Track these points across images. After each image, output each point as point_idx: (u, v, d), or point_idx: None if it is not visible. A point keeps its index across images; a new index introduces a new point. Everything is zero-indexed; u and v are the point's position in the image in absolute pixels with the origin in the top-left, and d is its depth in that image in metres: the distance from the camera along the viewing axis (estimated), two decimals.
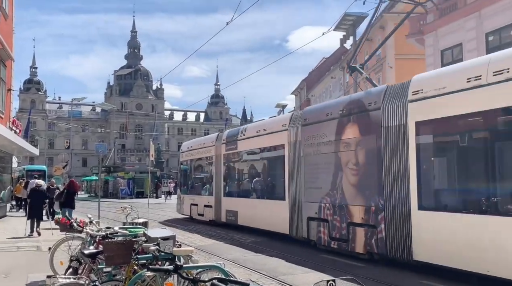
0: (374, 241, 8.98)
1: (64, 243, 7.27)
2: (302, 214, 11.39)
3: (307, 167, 11.31)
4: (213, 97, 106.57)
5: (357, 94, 10.65)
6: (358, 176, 9.68)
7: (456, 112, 7.36)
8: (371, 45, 35.98)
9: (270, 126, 13.54)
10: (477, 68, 7.19)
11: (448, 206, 7.75)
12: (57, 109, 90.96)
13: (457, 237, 7.16)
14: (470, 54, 18.17)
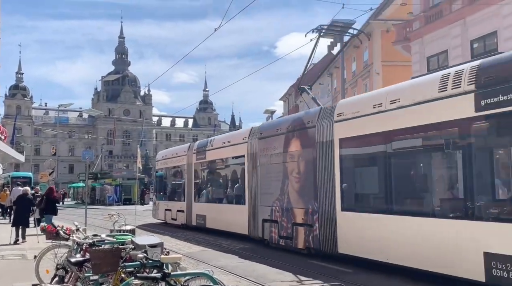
0: (311, 238, 10.56)
1: (50, 251, 7.16)
2: (258, 216, 12.89)
3: (262, 175, 12.84)
4: (201, 103, 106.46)
5: (299, 114, 12.66)
6: (299, 183, 11.27)
7: (366, 131, 9.08)
8: (358, 51, 36.33)
9: (233, 139, 15.16)
10: (380, 97, 8.96)
11: (363, 207, 9.44)
12: (44, 115, 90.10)
13: (369, 232, 8.77)
14: (455, 61, 18.44)
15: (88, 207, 22.28)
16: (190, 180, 17.75)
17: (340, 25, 17.84)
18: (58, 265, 6.16)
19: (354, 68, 37.49)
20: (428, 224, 7.58)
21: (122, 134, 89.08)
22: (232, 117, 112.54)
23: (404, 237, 7.99)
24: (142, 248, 5.28)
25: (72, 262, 5.45)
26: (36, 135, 79.68)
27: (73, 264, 5.47)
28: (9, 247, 12.79)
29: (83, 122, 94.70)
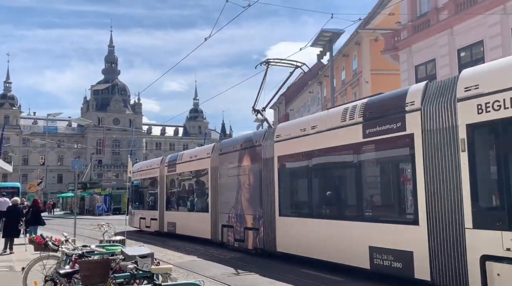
0: (258, 239, 12.42)
1: (38, 263, 7.06)
2: (218, 222, 14.78)
3: (222, 186, 14.74)
4: (191, 111, 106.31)
5: (250, 134, 14.39)
6: (249, 193, 13.10)
7: (296, 150, 11.11)
8: (347, 60, 36.64)
9: (199, 154, 16.99)
10: (304, 123, 11.13)
11: (294, 213, 11.44)
12: (32, 124, 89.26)
13: (299, 234, 10.74)
14: (443, 70, 18.68)
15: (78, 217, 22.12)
16: (162, 191, 19.46)
17: (329, 34, 18.09)
18: (47, 276, 6.08)
19: (343, 77, 37.76)
20: (338, 225, 9.56)
21: (111, 143, 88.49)
22: (223, 126, 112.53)
23: (322, 236, 9.92)
24: (132, 259, 5.23)
25: (61, 273, 5.39)
26: (24, 145, 78.94)
27: (62, 276, 5.41)
28: None
29: (72, 131, 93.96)
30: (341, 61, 37.34)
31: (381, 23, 30.43)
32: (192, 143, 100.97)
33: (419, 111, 7.72)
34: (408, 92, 8.22)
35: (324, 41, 18.58)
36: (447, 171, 7.18)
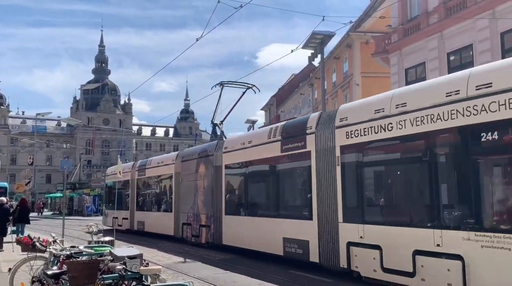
0: (209, 235, 14.56)
1: (25, 263, 6.99)
2: (179, 221, 16.86)
3: (183, 189, 16.87)
4: (182, 112, 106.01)
5: (205, 145, 16.85)
6: (204, 195, 15.24)
7: (237, 160, 13.42)
8: (338, 62, 36.79)
9: (165, 160, 19.22)
10: (244, 138, 13.60)
11: (235, 212, 13.54)
12: (21, 124, 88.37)
13: (239, 229, 12.95)
14: (433, 73, 18.82)
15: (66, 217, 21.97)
16: (133, 193, 21.53)
17: (320, 37, 18.13)
18: (34, 277, 6.02)
19: (334, 79, 37.91)
20: (263, 221, 11.91)
21: (101, 143, 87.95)
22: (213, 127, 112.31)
23: (254, 231, 12.16)
24: (121, 260, 5.21)
25: (49, 274, 5.34)
26: (12, 145, 78.14)
27: (49, 277, 5.35)
28: None
29: (62, 131, 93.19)
30: (332, 63, 37.49)
31: (372, 26, 30.61)
32: (183, 143, 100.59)
33: (314, 134, 10.14)
34: (309, 119, 10.69)
35: (315, 44, 18.61)
36: (330, 180, 9.51)
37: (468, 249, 6.58)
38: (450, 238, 6.88)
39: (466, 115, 6.75)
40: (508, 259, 6.00)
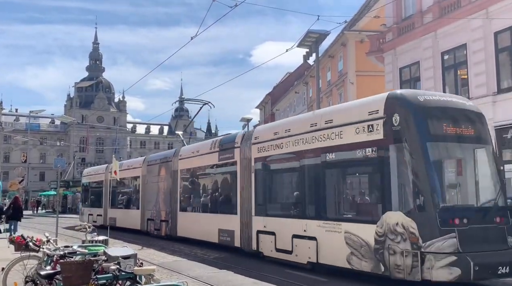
0: (167, 228, 17.31)
1: (19, 263, 6.95)
2: (145, 217, 19.62)
3: (148, 190, 19.59)
4: (177, 110, 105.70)
5: (166, 152, 20.59)
6: (164, 195, 18.00)
7: (189, 166, 16.40)
8: (332, 61, 36.83)
9: (134, 164, 22.18)
10: (194, 147, 16.95)
11: (186, 209, 16.57)
12: (14, 121, 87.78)
13: (189, 223, 15.98)
14: (427, 72, 18.90)
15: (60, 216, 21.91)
16: (106, 192, 23.78)
17: (315, 36, 18.15)
18: (27, 277, 5.99)
19: (329, 78, 37.95)
20: (205, 216, 15.00)
21: (95, 141, 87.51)
22: (208, 125, 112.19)
23: (201, 224, 15.05)
24: (115, 260, 5.20)
25: (42, 275, 5.31)
26: (5, 142, 77.60)
27: (43, 277, 5.33)
28: None
29: (55, 129, 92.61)
30: (327, 62, 37.52)
31: (367, 25, 30.65)
32: (177, 141, 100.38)
33: (239, 148, 13.03)
34: (237, 136, 13.66)
35: (310, 42, 18.63)
36: (247, 183, 12.44)
37: (319, 233, 9.61)
38: (310, 225, 9.93)
39: (321, 140, 9.86)
40: (337, 237, 9.07)
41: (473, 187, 8.73)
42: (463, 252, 7.30)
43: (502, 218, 8.07)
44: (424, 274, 7.36)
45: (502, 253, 7.69)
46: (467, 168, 8.93)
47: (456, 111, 8.63)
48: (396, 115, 8.24)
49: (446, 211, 7.75)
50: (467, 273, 7.19)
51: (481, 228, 7.84)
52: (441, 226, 7.48)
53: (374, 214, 8.47)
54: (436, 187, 7.98)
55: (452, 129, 8.39)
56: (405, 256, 7.61)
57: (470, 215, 7.86)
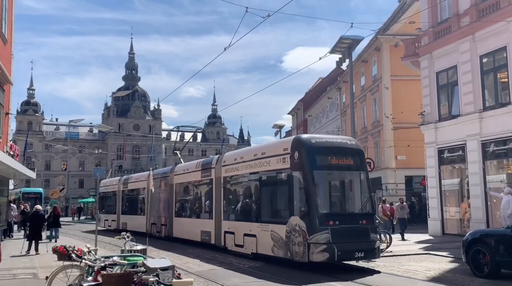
0: (166, 230, 20.94)
1: (61, 272, 7.17)
2: (149, 222, 23.41)
3: (152, 199, 23.18)
4: (210, 117, 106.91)
5: (165, 168, 25.88)
6: (163, 203, 21.85)
7: (180, 181, 20.28)
8: (366, 66, 36.37)
9: (141, 177, 25.95)
10: (185, 166, 20.77)
11: (179, 215, 20.13)
12: (54, 130, 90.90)
13: (182, 226, 19.44)
14: (465, 76, 18.40)
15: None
16: (119, 201, 28.06)
17: (348, 41, 18.00)
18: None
19: (362, 83, 37.49)
20: (191, 221, 18.82)
21: (131, 149, 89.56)
22: (241, 131, 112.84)
23: (189, 227, 18.77)
24: (154, 271, 5.29)
25: None
26: (47, 151, 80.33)
27: None
28: (22, 265, 12.84)
29: (94, 137, 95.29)
30: (360, 67, 37.10)
31: (401, 29, 30.16)
32: (211, 148, 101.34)
33: (214, 168, 16.92)
34: (213, 159, 17.61)
35: (343, 48, 18.49)
36: (218, 196, 16.41)
37: (258, 232, 13.43)
38: (253, 227, 13.78)
39: (259, 166, 13.90)
40: (267, 234, 12.86)
41: (348, 200, 13.04)
42: (332, 243, 10.94)
43: (367, 221, 11.79)
44: (309, 257, 11.08)
45: (361, 244, 11.35)
46: (345, 187, 13.13)
47: (338, 149, 12.39)
48: (296, 152, 12.12)
49: (323, 216, 11.36)
50: (333, 256, 10.94)
51: (349, 227, 11.45)
52: (319, 226, 11.16)
53: (285, 218, 12.21)
54: (317, 200, 11.60)
55: (334, 161, 12.22)
56: (299, 245, 11.38)
57: (340, 219, 11.48)
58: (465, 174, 18.79)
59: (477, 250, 10.33)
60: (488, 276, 9.88)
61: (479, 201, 17.49)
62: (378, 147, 33.63)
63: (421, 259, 13.63)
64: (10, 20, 20.16)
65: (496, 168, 17.70)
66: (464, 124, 18.29)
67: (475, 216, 17.62)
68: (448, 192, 20.16)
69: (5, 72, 18.56)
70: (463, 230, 18.12)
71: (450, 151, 19.59)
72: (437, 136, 20.04)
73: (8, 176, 22.73)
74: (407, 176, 30.57)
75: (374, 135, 34.53)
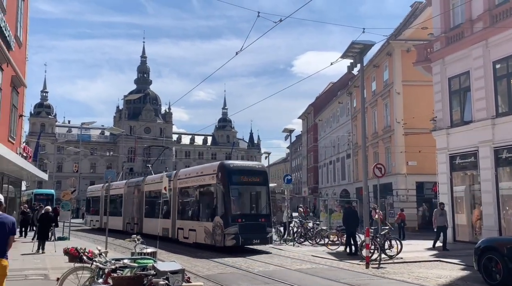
0: (138, 228, 25.26)
1: (72, 273, 7.22)
2: (125, 221, 28.72)
3: (126, 203, 28.47)
4: (220, 121, 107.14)
5: (138, 178, 29.82)
6: (136, 206, 26.83)
7: (148, 189, 25.60)
8: (377, 71, 36.22)
9: (118, 185, 31.11)
10: (150, 179, 26.40)
11: (147, 215, 25.04)
12: (67, 133, 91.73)
13: (147, 224, 24.46)
14: (477, 82, 18.25)
15: None
16: (102, 204, 31.06)
17: (360, 46, 17.92)
18: None
19: (374, 87, 37.34)
20: (157, 220, 19.92)
21: (142, 152, 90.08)
22: (251, 135, 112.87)
23: (154, 225, 22.03)
24: (164, 275, 5.30)
25: None
26: (59, 153, 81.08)
27: None
28: (33, 266, 12.95)
29: (105, 139, 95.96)
30: (372, 71, 36.97)
31: (413, 34, 30.02)
32: (221, 152, 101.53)
33: (172, 181, 21.29)
34: (172, 174, 22.55)
35: (354, 53, 18.42)
36: (175, 200, 21.32)
37: (197, 227, 18.90)
38: (194, 223, 19.19)
39: (199, 181, 19.57)
40: (201, 228, 18.37)
41: (252, 205, 18.55)
42: (239, 234, 16.73)
43: (264, 219, 17.72)
44: (224, 243, 16.76)
45: (259, 234, 17.18)
46: (251, 197, 18.66)
47: (248, 171, 18.42)
48: (219, 173, 17.94)
49: (234, 216, 17.07)
50: (238, 242, 16.72)
51: (251, 223, 17.16)
52: (231, 222, 16.85)
53: (212, 217, 17.89)
54: (231, 206, 17.41)
55: (245, 179, 18.06)
56: (219, 235, 17.04)
57: (246, 218, 17.23)
58: (477, 180, 18.60)
59: (489, 257, 10.20)
60: (500, 284, 9.76)
61: (491, 208, 17.29)
62: (389, 152, 33.43)
63: (432, 266, 13.51)
64: (25, 24, 20.46)
65: (509, 174, 17.50)
66: (477, 130, 18.12)
67: (487, 223, 17.43)
68: (460, 198, 19.97)
69: (19, 75, 18.84)
70: (475, 237, 17.93)
71: (462, 157, 19.41)
72: (449, 142, 19.88)
73: (21, 177, 23.08)
74: (418, 181, 30.33)
75: (385, 141, 34.34)
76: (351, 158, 44.99)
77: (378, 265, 13.15)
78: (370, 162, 28.80)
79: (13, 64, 17.38)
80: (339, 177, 50.49)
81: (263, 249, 17.88)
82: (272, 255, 16.55)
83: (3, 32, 15.44)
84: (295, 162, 79.33)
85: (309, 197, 63.71)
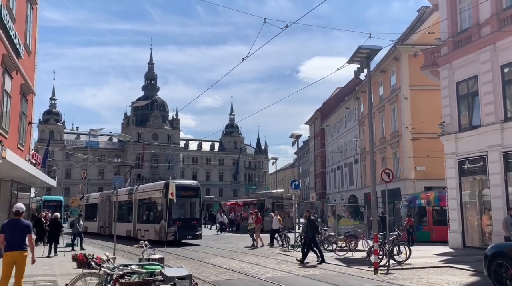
0: (109, 230, 30.07)
1: (80, 280, 7.25)
2: (99, 224, 34.12)
3: (102, 210, 33.91)
4: (227, 127, 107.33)
5: (110, 191, 33.29)
6: (108, 213, 31.35)
7: (120, 199, 27.54)
8: (385, 76, 36.16)
9: (95, 196, 37.61)
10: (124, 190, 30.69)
11: (119, 220, 24.98)
12: (75, 139, 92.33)
13: (121, 227, 26.56)
14: (486, 86, 18.15)
15: None
16: (82, 211, 33.19)
17: (366, 51, 17.89)
18: None
19: (381, 92, 37.26)
20: (124, 224, 28.19)
21: (150, 158, 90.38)
22: (258, 141, 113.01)
23: (121, 227, 26.24)
24: (171, 280, 5.33)
25: None
26: (67, 159, 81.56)
27: None
28: (42, 272, 13.00)
29: (113, 146, 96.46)
30: (379, 76, 36.91)
31: (420, 39, 29.97)
32: (228, 157, 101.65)
33: (134, 193, 28.72)
34: (134, 188, 29.63)
35: (361, 58, 18.40)
36: (135, 209, 28.28)
37: (149, 228, 25.80)
38: (147, 226, 25.99)
39: (152, 195, 26.75)
40: (152, 229, 25.28)
41: (188, 212, 25.37)
42: (177, 231, 23.46)
43: (196, 221, 25.10)
44: (167, 238, 21.62)
45: (191, 232, 24.12)
46: (186, 206, 25.48)
47: (185, 187, 25.31)
48: (164, 189, 23.78)
49: (174, 219, 23.46)
50: (176, 237, 23.31)
51: (186, 224, 24.10)
52: (172, 224, 23.00)
53: (159, 221, 23.97)
54: (172, 213, 23.22)
55: (183, 193, 23.93)
56: (163, 233, 22.75)
57: (183, 221, 24.13)
58: (487, 185, 18.45)
59: (499, 263, 10.11)
60: None
61: (501, 213, 17.12)
62: (397, 157, 33.29)
63: (442, 272, 13.39)
64: (34, 32, 20.69)
65: None
66: (485, 135, 18.00)
67: (497, 228, 17.25)
68: (469, 203, 19.81)
69: (28, 82, 19.02)
70: (485, 242, 17.75)
71: (471, 162, 19.27)
72: (457, 147, 19.76)
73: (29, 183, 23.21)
74: (426, 186, 30.14)
75: (393, 146, 34.20)
76: (359, 163, 44.84)
77: (387, 271, 13.05)
78: (378, 167, 28.70)
79: (22, 72, 17.56)
80: (347, 182, 50.33)
81: (195, 242, 24.43)
82: (279, 260, 16.54)
83: (12, 40, 15.61)
84: (302, 167, 79.21)
85: (316, 202, 63.52)
